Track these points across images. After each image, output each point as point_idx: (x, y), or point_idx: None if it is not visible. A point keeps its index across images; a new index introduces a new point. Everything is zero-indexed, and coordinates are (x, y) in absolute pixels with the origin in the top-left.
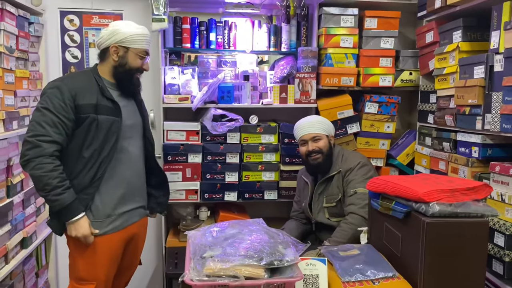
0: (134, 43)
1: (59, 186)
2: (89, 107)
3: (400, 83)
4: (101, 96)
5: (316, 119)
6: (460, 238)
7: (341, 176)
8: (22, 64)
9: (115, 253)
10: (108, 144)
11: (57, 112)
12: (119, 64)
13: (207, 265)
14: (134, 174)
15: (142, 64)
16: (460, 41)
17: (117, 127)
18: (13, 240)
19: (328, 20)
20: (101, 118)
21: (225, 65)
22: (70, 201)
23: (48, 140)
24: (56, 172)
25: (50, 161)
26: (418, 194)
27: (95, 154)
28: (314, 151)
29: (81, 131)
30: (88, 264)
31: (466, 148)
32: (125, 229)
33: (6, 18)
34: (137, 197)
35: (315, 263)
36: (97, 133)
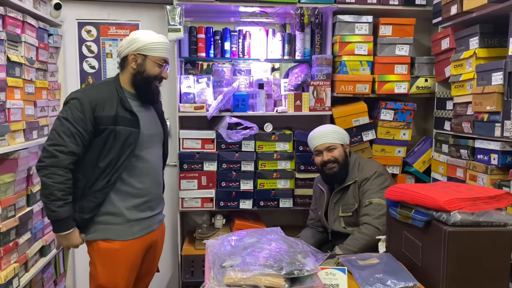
0: (152, 51)
1: (62, 199)
2: (108, 118)
3: (415, 90)
4: (120, 107)
5: (330, 129)
6: (482, 248)
7: (357, 185)
8: (42, 74)
9: (135, 261)
10: (124, 154)
11: (76, 123)
12: (137, 72)
13: (227, 274)
14: (153, 183)
15: (161, 72)
16: (477, 48)
17: (134, 138)
18: (33, 249)
19: (342, 27)
20: (119, 129)
21: (240, 73)
22: (67, 215)
23: (65, 151)
24: (64, 185)
25: (62, 174)
26: (439, 202)
27: (111, 163)
28: (329, 161)
29: (99, 142)
30: (108, 272)
31: (485, 155)
32: (145, 236)
33: (27, 30)
34: (155, 205)
35: (335, 272)
36: (114, 144)
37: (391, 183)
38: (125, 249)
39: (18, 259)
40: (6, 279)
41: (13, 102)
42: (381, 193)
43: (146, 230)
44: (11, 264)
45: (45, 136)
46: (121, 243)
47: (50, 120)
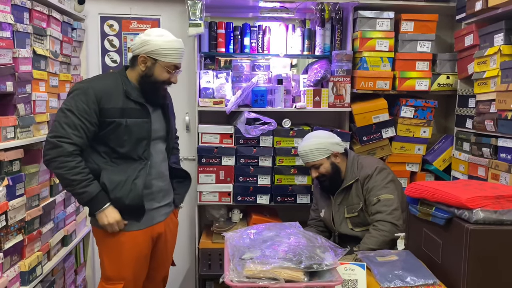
0: (163, 57)
1: (84, 180)
2: (114, 111)
3: (437, 87)
4: (127, 99)
5: (310, 146)
6: (505, 246)
7: (359, 184)
8: (65, 68)
9: (142, 252)
10: (141, 147)
11: (80, 115)
12: (145, 75)
13: (247, 266)
14: (156, 175)
15: (170, 78)
16: (502, 44)
17: (147, 130)
18: (55, 238)
19: (363, 23)
20: (130, 121)
21: (259, 69)
22: (97, 191)
23: (68, 142)
24: (79, 168)
25: (71, 159)
26: (461, 200)
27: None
28: (318, 177)
29: (106, 135)
30: (114, 263)
31: (508, 154)
32: (150, 227)
33: (52, 24)
34: (159, 198)
35: (353, 267)
36: (129, 138)
37: (394, 176)
38: (129, 240)
39: (41, 248)
40: (30, 267)
41: (38, 94)
42: (387, 188)
43: (150, 222)
44: (35, 252)
45: None
46: (126, 234)
47: None
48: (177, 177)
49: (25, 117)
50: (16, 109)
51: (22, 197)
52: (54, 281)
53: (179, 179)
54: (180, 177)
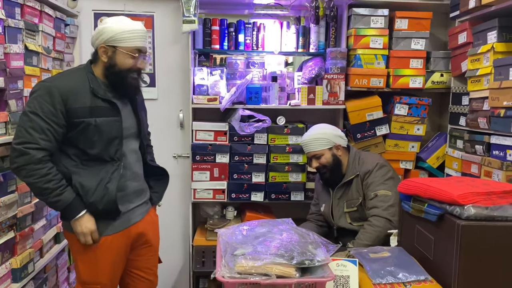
0: (122, 41)
1: (57, 187)
2: (82, 110)
3: (431, 84)
4: (94, 97)
5: (312, 136)
6: (496, 242)
7: (359, 179)
8: (58, 64)
9: (118, 256)
10: (113, 147)
11: (46, 118)
12: (109, 65)
13: (238, 262)
14: (130, 176)
15: (136, 63)
16: (495, 42)
17: (118, 129)
18: (48, 235)
19: (357, 21)
20: (100, 121)
21: (253, 66)
22: (71, 199)
23: (36, 147)
24: (50, 175)
25: (41, 166)
26: (453, 196)
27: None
28: (318, 168)
29: (75, 137)
30: (89, 268)
31: (501, 151)
32: (126, 230)
33: (44, 19)
34: (133, 198)
35: (345, 264)
36: (98, 137)
37: (394, 174)
38: (105, 245)
39: (33, 245)
40: (21, 264)
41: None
42: (386, 184)
43: (127, 224)
44: (27, 249)
45: None
46: (101, 238)
47: None
48: (154, 174)
49: (16, 113)
50: (7, 105)
51: (13, 194)
52: (47, 278)
53: (157, 176)
54: (157, 174)
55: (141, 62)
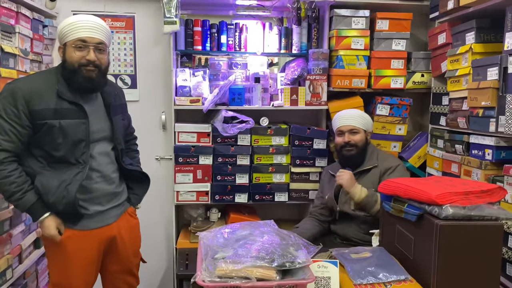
0: (66, 36)
1: (18, 191)
2: (46, 112)
3: (411, 85)
4: (60, 99)
5: (358, 113)
6: (474, 241)
7: (379, 172)
8: (37, 66)
9: (89, 257)
10: (78, 149)
11: (9, 119)
12: (62, 64)
13: (219, 266)
14: (99, 180)
15: (84, 55)
16: (473, 43)
17: (85, 132)
18: (27, 240)
19: (339, 22)
20: (64, 123)
21: (236, 67)
22: (32, 202)
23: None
24: (12, 178)
25: (2, 168)
26: (431, 196)
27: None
28: (349, 143)
29: (40, 138)
30: (60, 269)
31: (479, 150)
32: (97, 230)
33: (21, 21)
34: (104, 201)
35: (326, 265)
36: (63, 139)
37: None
38: (75, 246)
39: (11, 251)
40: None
41: None
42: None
43: (95, 225)
44: (4, 255)
45: None
46: (70, 239)
47: None
48: (134, 178)
49: None
50: None
51: None
52: (26, 284)
53: (137, 179)
54: (137, 177)
55: (88, 53)
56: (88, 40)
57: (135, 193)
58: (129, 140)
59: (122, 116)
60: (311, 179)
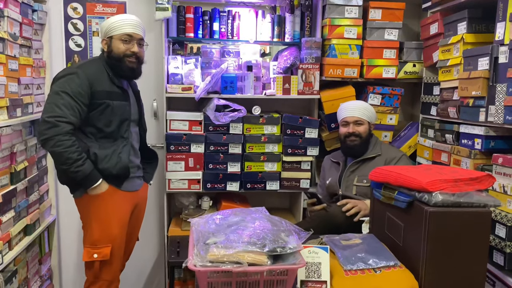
0: (115, 30)
1: (79, 159)
2: (103, 93)
3: (403, 75)
4: (111, 83)
5: (363, 105)
6: (462, 228)
7: (384, 161)
8: (26, 51)
9: (125, 214)
10: (123, 127)
11: (75, 97)
12: (108, 54)
13: (210, 251)
14: (133, 154)
15: (129, 48)
16: (465, 33)
17: (128, 112)
18: (17, 227)
19: (332, 10)
20: (115, 103)
21: (228, 55)
22: (90, 170)
23: (65, 121)
24: (74, 147)
25: (68, 138)
26: (421, 183)
27: (114, 135)
28: (353, 134)
29: (95, 116)
30: (103, 226)
31: (469, 140)
32: (130, 193)
33: (10, 4)
34: (134, 171)
35: (317, 251)
36: (114, 117)
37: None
38: (115, 202)
39: (1, 237)
40: None
41: None
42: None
43: (131, 188)
44: None
45: (29, 114)
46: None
47: (35, 98)
48: (145, 157)
49: None
50: None
51: None
52: (16, 271)
53: (147, 159)
54: (149, 157)
55: (133, 46)
56: (133, 35)
57: (147, 171)
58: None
59: (141, 102)
60: (302, 168)
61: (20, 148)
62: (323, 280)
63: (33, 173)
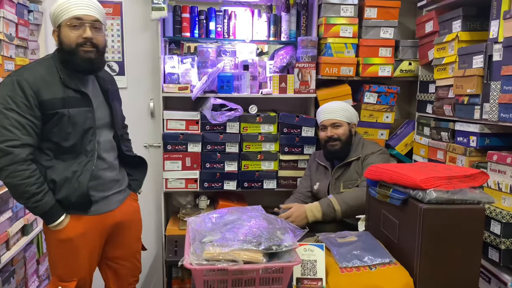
0: (61, 16)
1: (38, 192)
2: (54, 102)
3: (399, 73)
4: (64, 88)
5: (340, 105)
6: (456, 225)
7: (360, 161)
8: (22, 52)
9: (94, 244)
10: (87, 138)
11: (22, 112)
12: (60, 46)
13: (206, 249)
14: (105, 167)
15: (81, 34)
16: (460, 31)
17: (91, 119)
18: (14, 227)
19: (328, 9)
20: (72, 112)
21: (225, 54)
22: (50, 205)
23: (19, 144)
24: (33, 178)
25: (25, 168)
26: (416, 181)
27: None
28: (332, 138)
29: (49, 129)
30: (67, 262)
31: (464, 137)
32: (101, 216)
33: (5, 5)
34: (109, 187)
35: (313, 248)
36: (72, 128)
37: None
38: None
39: None
40: None
41: None
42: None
43: (101, 210)
44: None
45: None
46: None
47: None
48: (131, 163)
49: None
50: None
51: None
52: (14, 271)
53: (134, 165)
54: (135, 163)
55: (84, 31)
56: (83, 17)
57: (134, 179)
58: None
59: (118, 102)
60: (299, 167)
61: None
62: (318, 277)
63: None
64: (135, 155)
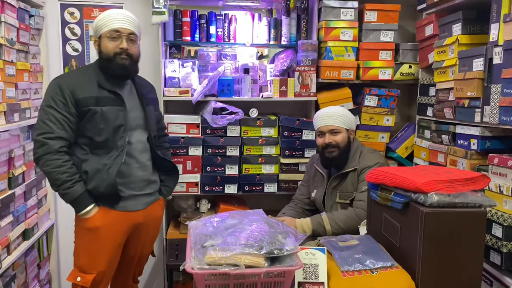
0: (102, 28)
1: (68, 180)
2: (90, 100)
3: (399, 76)
4: (100, 89)
5: (338, 111)
6: (458, 228)
7: (356, 173)
8: (23, 56)
9: (117, 240)
10: (118, 135)
11: (59, 109)
12: (99, 54)
13: (208, 254)
14: (136, 165)
15: (118, 45)
16: (460, 34)
17: (123, 117)
18: (15, 232)
19: (328, 13)
20: (104, 109)
21: (225, 58)
22: (79, 193)
23: (53, 137)
24: (64, 167)
25: (57, 157)
26: (417, 184)
27: (107, 143)
28: (330, 144)
29: (84, 125)
30: (89, 253)
31: (465, 140)
32: (126, 213)
33: (6, 10)
34: (139, 187)
35: (314, 252)
36: (104, 124)
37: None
38: (106, 228)
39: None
40: None
41: None
42: None
43: (128, 208)
44: None
45: (27, 119)
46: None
47: (32, 103)
48: (164, 169)
49: None
50: None
51: None
52: (15, 275)
53: (167, 171)
54: (167, 169)
55: (122, 43)
56: (121, 30)
57: (166, 185)
58: (161, 137)
59: (154, 107)
60: (300, 170)
61: (18, 152)
62: (320, 281)
63: (31, 177)
64: (169, 159)
